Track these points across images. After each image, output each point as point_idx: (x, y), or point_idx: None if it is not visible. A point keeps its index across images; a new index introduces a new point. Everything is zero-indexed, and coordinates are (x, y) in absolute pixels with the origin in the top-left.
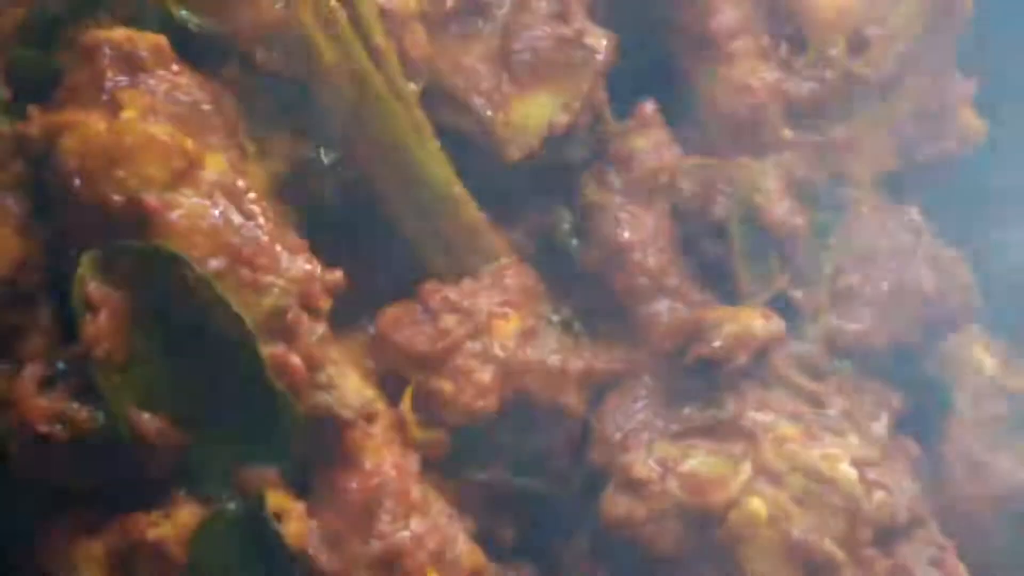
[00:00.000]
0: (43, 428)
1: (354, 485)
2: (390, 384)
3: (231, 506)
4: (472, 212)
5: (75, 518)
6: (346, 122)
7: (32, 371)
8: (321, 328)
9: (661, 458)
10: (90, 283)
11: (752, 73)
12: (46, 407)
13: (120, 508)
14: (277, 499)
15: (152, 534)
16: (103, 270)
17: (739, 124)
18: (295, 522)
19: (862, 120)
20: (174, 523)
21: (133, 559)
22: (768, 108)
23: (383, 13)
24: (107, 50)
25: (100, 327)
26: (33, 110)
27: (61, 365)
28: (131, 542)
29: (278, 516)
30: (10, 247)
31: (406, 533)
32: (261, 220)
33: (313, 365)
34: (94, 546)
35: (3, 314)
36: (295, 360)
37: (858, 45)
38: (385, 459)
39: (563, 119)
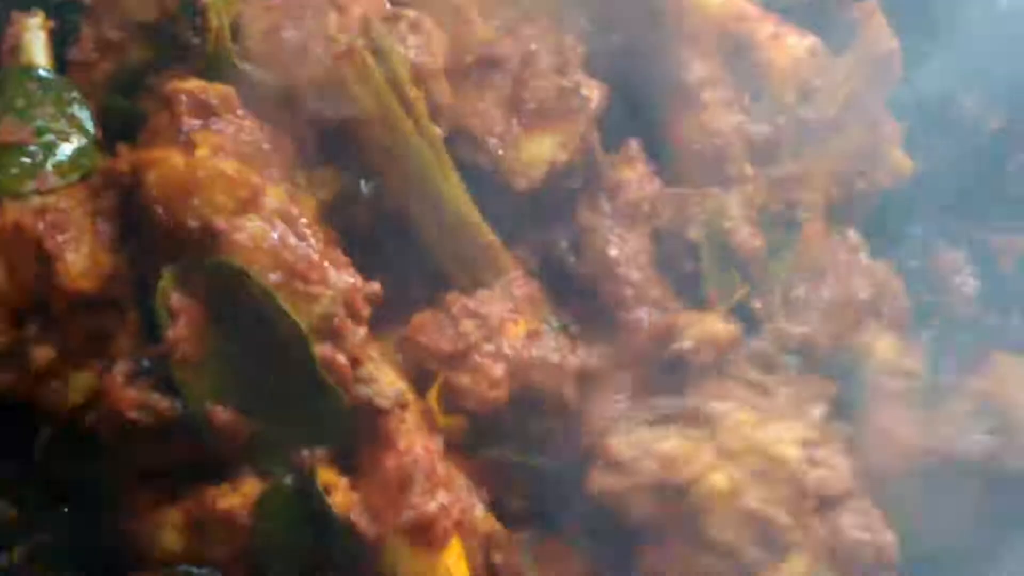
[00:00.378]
0: (131, 415)
1: (391, 463)
2: (417, 377)
3: (287, 480)
4: (486, 234)
5: (156, 490)
6: (381, 160)
7: (121, 367)
8: (363, 331)
9: (637, 441)
10: (172, 294)
11: (719, 118)
12: (133, 398)
13: (195, 481)
14: (326, 475)
15: (222, 503)
16: (182, 283)
17: (708, 160)
18: (341, 494)
19: (810, 157)
20: (240, 494)
21: (206, 524)
22: (733, 147)
23: (414, 68)
24: (184, 98)
25: (179, 332)
26: (122, 148)
27: (146, 362)
28: (204, 510)
29: (327, 489)
30: (103, 263)
31: (434, 504)
32: (312, 241)
33: (356, 362)
34: (173, 513)
35: (97, 319)
36: (341, 358)
37: (807, 94)
38: (416, 442)
39: (562, 156)
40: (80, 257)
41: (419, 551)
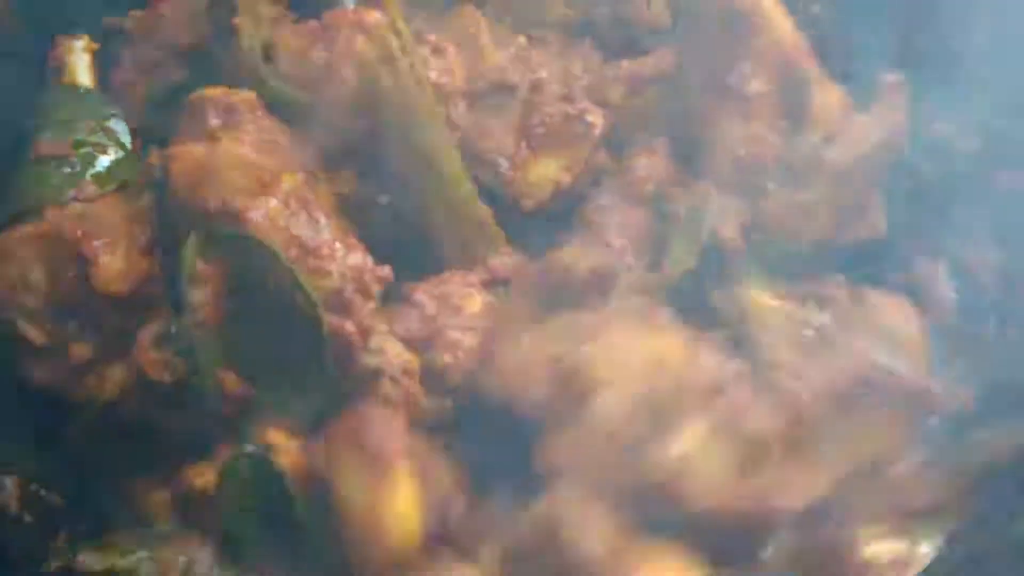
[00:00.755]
0: (154, 375)
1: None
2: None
3: (250, 447)
4: (482, 209)
5: (151, 473)
6: (396, 141)
7: (149, 330)
8: (372, 304)
9: (530, 344)
10: (196, 260)
11: (765, 132)
12: (157, 358)
13: (181, 463)
14: (275, 436)
15: (199, 482)
16: (203, 250)
17: (745, 166)
18: (287, 454)
19: (819, 192)
20: (216, 468)
21: (189, 501)
22: (769, 161)
23: (435, 87)
24: (209, 102)
25: (204, 296)
26: (153, 148)
27: (172, 329)
28: (186, 489)
29: (274, 449)
30: (137, 266)
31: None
32: (324, 222)
33: (364, 334)
34: (163, 494)
35: (131, 318)
36: (349, 326)
37: (830, 137)
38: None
39: (566, 179)
40: (115, 260)
41: (368, 481)
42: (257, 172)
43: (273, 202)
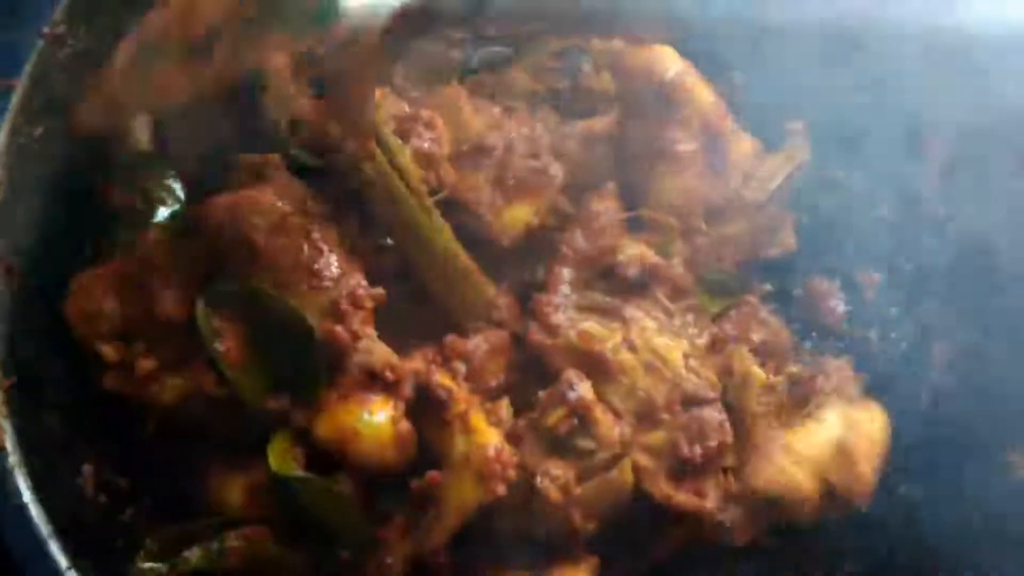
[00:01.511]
0: (209, 390)
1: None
2: None
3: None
4: (466, 261)
5: (225, 462)
6: (390, 222)
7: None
8: (362, 314)
9: (569, 316)
10: (211, 318)
11: (694, 184)
12: (213, 378)
13: (254, 454)
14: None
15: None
16: (215, 306)
17: (680, 214)
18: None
19: (740, 226)
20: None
21: (261, 488)
22: (698, 207)
23: (426, 154)
24: (244, 162)
25: (226, 346)
26: (198, 201)
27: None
28: (261, 477)
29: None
30: (192, 297)
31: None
32: (327, 252)
33: (355, 338)
34: (239, 478)
35: (186, 338)
36: (341, 330)
37: (746, 179)
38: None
39: (535, 220)
40: (174, 293)
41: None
42: (271, 213)
43: (283, 237)
